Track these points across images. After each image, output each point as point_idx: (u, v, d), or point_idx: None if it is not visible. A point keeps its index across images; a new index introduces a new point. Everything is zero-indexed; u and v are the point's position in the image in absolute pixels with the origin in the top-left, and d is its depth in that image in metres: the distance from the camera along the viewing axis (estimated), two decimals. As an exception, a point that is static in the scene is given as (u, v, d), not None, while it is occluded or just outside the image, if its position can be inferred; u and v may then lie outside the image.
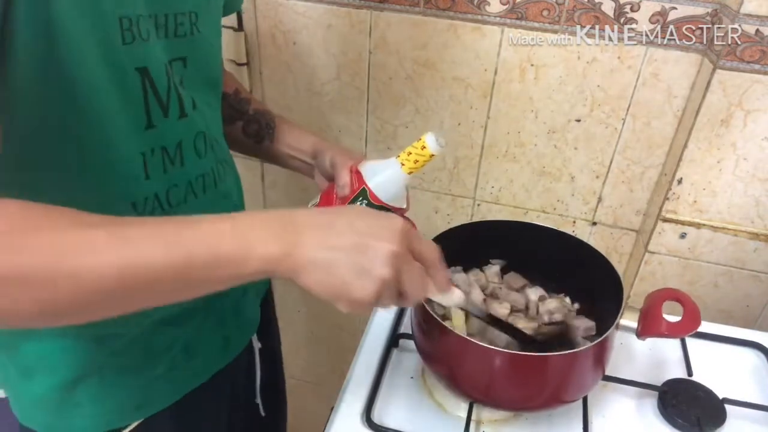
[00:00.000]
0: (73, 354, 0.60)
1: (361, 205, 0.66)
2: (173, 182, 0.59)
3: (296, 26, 0.98)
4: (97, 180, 0.52)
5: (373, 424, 0.67)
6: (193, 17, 0.58)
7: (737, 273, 0.92)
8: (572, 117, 0.94)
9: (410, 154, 0.64)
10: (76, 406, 0.62)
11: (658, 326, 0.63)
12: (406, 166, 0.65)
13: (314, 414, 1.43)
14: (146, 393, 0.64)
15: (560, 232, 0.76)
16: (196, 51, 0.59)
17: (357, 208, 0.53)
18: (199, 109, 0.61)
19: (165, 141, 0.56)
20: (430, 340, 0.67)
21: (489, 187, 1.05)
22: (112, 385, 0.62)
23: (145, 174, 0.55)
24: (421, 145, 0.64)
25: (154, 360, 0.64)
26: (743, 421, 0.70)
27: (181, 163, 0.59)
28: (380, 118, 1.03)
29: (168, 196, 0.59)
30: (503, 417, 0.70)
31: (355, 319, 1.33)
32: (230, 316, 0.72)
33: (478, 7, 0.88)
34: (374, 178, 0.66)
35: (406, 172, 0.65)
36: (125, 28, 0.49)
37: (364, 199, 0.66)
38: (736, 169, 0.84)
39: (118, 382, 0.63)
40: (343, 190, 0.67)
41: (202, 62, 0.61)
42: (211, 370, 0.71)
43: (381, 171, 0.67)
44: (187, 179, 0.60)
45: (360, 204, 0.67)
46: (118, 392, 0.63)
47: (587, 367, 0.64)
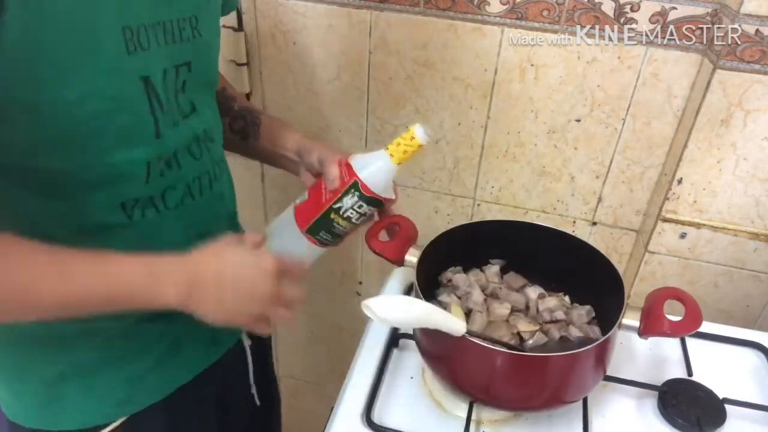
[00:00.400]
0: (58, 349, 0.60)
1: (352, 198, 0.66)
2: (170, 185, 0.59)
3: (296, 26, 0.98)
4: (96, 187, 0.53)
5: (373, 424, 0.67)
6: (193, 21, 0.58)
7: (737, 273, 0.92)
8: (572, 117, 0.94)
9: (399, 144, 0.65)
10: (62, 401, 0.62)
11: (660, 325, 0.63)
12: (396, 157, 0.65)
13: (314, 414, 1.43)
14: (134, 387, 0.65)
15: (560, 232, 0.76)
16: (198, 54, 0.60)
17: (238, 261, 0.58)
18: (199, 111, 0.62)
19: (166, 148, 0.57)
20: (431, 339, 0.67)
21: (489, 187, 1.05)
22: (99, 380, 0.63)
23: (147, 179, 0.56)
24: (410, 136, 0.65)
25: (141, 354, 0.64)
26: (743, 421, 0.70)
27: (179, 167, 0.60)
28: (380, 118, 1.03)
29: (164, 198, 0.59)
30: (503, 417, 0.70)
31: (355, 319, 1.33)
32: None
33: (478, 7, 0.88)
34: (365, 170, 0.66)
35: (395, 163, 0.66)
36: (128, 38, 0.49)
37: (356, 191, 0.66)
38: (736, 169, 0.84)
39: (105, 377, 0.63)
40: (333, 183, 0.67)
41: (203, 64, 0.62)
42: (200, 366, 0.71)
43: (371, 162, 0.66)
44: (185, 182, 0.61)
45: (352, 197, 0.66)
46: (106, 387, 0.63)
47: (588, 368, 0.64)
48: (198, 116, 0.62)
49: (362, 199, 0.66)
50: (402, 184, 1.09)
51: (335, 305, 1.33)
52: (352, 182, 0.66)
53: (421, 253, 0.72)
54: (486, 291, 0.77)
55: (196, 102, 0.61)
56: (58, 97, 0.46)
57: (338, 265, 1.26)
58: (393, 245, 0.73)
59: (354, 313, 1.32)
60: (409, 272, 0.74)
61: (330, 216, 0.68)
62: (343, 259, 1.24)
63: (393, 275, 0.89)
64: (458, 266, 0.79)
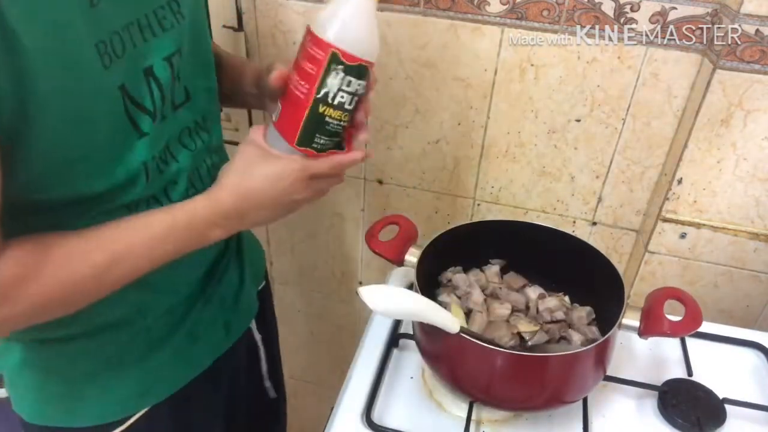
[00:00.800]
0: (84, 348, 0.60)
1: (337, 76, 0.52)
2: (170, 179, 0.59)
3: (296, 26, 0.98)
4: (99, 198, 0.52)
5: (373, 424, 0.67)
6: (174, 6, 0.56)
7: (737, 273, 0.92)
8: (572, 117, 0.94)
9: None
10: (84, 398, 0.62)
11: (660, 325, 0.63)
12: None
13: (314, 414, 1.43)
14: (153, 380, 0.65)
15: (560, 232, 0.76)
16: (186, 38, 0.57)
17: (269, 175, 0.56)
18: (193, 99, 0.61)
19: (157, 144, 0.56)
20: (431, 339, 0.67)
21: (489, 187, 1.05)
22: (121, 375, 0.63)
23: (147, 179, 0.55)
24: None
25: (161, 346, 0.65)
26: (743, 421, 0.70)
27: (175, 160, 0.59)
28: (380, 118, 1.03)
29: (168, 193, 0.59)
30: (503, 417, 0.70)
31: (355, 319, 1.33)
32: (230, 302, 0.73)
33: (478, 7, 0.88)
34: (339, 31, 0.51)
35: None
36: (102, 53, 0.47)
37: (337, 65, 0.51)
38: (736, 169, 0.84)
39: (126, 372, 0.63)
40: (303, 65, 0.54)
41: (194, 47, 0.59)
42: (214, 355, 0.72)
43: (340, 12, 0.51)
44: (185, 173, 0.61)
45: (336, 75, 0.52)
46: (126, 381, 0.64)
47: (588, 368, 0.64)
48: (191, 105, 0.60)
49: (349, 72, 0.52)
50: (402, 184, 1.09)
51: (335, 305, 1.33)
52: (330, 55, 0.51)
53: (421, 253, 0.72)
54: (486, 291, 0.77)
55: (192, 88, 0.60)
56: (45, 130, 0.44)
57: (338, 265, 1.26)
58: (393, 245, 0.73)
59: (354, 313, 1.32)
60: (409, 272, 0.74)
61: (318, 111, 0.54)
62: (343, 259, 1.25)
63: (393, 275, 0.89)
64: (458, 266, 0.79)
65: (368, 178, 1.11)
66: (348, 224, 1.19)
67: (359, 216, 1.16)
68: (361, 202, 1.14)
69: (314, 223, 1.21)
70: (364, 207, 1.15)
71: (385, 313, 0.60)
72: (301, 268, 1.29)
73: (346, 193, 1.14)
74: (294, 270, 1.30)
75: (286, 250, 1.27)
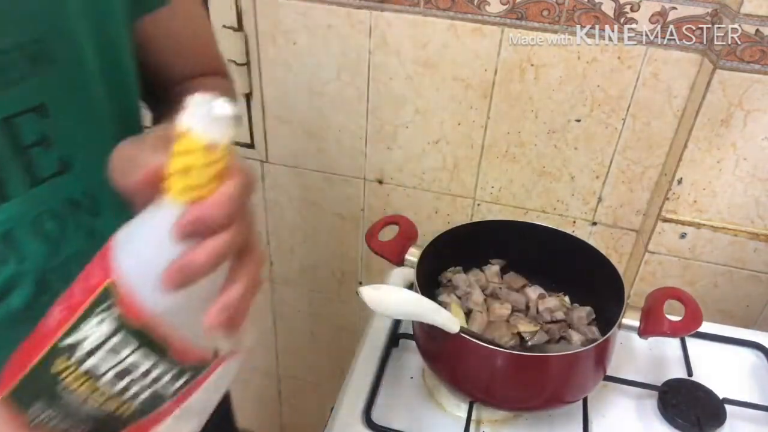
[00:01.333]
0: None
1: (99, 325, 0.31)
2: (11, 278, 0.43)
3: (296, 26, 0.98)
4: None
5: (373, 424, 0.67)
6: (39, 46, 0.41)
7: (737, 273, 0.92)
8: (572, 117, 0.94)
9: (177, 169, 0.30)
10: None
11: (660, 325, 0.63)
12: (178, 195, 0.30)
13: (314, 414, 1.43)
14: None
15: (560, 232, 0.76)
16: (61, 89, 0.43)
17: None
18: (75, 170, 0.45)
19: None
20: (431, 339, 0.67)
21: (489, 187, 1.05)
22: None
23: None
24: (182, 135, 0.30)
25: None
26: (743, 421, 0.70)
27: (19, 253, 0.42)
28: (380, 118, 1.03)
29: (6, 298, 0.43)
30: (503, 417, 0.70)
31: (355, 319, 1.33)
32: None
33: (478, 7, 0.88)
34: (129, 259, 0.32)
35: (179, 207, 0.30)
36: None
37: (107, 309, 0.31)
38: (736, 169, 0.84)
39: None
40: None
41: (78, 100, 0.45)
42: None
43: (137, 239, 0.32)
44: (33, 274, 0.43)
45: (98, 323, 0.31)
46: None
47: (588, 368, 0.64)
48: (70, 177, 0.44)
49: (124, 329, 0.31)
50: (402, 184, 1.09)
51: (335, 305, 1.33)
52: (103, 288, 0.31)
53: (421, 253, 0.71)
54: (486, 291, 0.77)
55: (74, 157, 0.44)
56: None
57: (338, 265, 1.26)
58: (393, 245, 0.73)
59: (354, 313, 1.32)
60: (409, 272, 0.73)
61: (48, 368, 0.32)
62: (343, 259, 1.25)
63: (393, 275, 0.89)
64: (458, 266, 0.79)
65: (368, 178, 1.11)
66: (348, 224, 1.19)
67: (359, 216, 1.16)
68: (361, 202, 1.14)
69: (314, 223, 1.21)
70: (364, 207, 1.15)
71: (385, 313, 0.60)
72: (301, 268, 1.29)
73: (346, 193, 1.14)
74: (294, 270, 1.30)
75: (286, 250, 1.27)
